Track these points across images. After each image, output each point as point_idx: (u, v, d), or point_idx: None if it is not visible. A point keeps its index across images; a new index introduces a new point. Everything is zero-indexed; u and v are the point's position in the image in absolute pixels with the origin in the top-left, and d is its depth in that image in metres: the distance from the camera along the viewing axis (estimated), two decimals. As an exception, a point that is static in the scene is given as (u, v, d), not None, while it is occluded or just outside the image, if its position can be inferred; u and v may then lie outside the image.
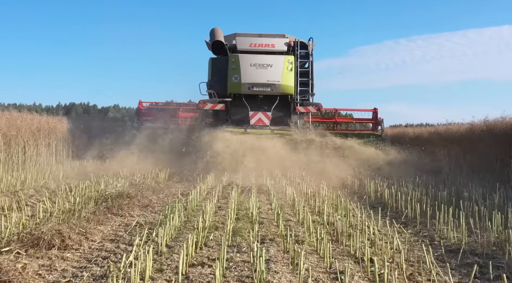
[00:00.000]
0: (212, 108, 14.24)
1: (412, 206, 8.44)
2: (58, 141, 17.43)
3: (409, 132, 23.23)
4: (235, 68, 13.87)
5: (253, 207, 8.27)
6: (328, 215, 7.91)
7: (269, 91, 13.79)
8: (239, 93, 14.14)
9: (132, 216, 8.18)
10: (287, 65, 13.76)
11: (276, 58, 14.03)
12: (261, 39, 14.35)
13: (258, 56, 14.03)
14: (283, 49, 14.28)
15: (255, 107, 14.28)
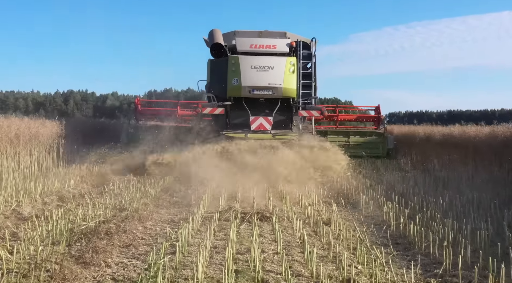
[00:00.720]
0: (211, 113, 13.62)
1: (448, 253, 6.90)
2: (43, 147, 15.91)
3: (419, 131, 21.35)
4: (235, 71, 13.16)
5: (255, 251, 6.81)
6: (348, 265, 6.53)
7: (271, 94, 13.15)
8: (239, 96, 13.49)
9: (108, 266, 6.65)
10: (289, 67, 13.12)
11: (278, 60, 13.37)
12: (261, 40, 13.64)
13: (258, 58, 13.35)
14: (285, 50, 13.55)
15: (256, 111, 13.63)
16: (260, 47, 13.44)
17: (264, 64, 13.09)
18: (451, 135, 18.76)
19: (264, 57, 13.32)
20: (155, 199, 11.87)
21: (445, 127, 21.18)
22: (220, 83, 13.55)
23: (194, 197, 11.40)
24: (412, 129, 23.44)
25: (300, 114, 13.48)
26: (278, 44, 13.47)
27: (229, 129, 13.61)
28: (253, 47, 13.46)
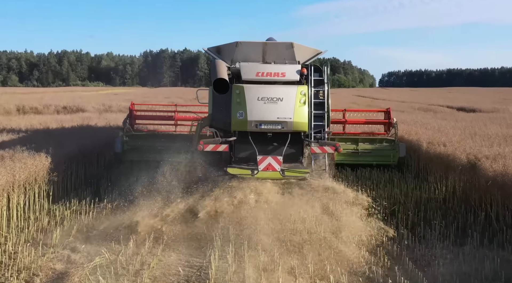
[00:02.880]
0: (214, 150, 11.18)
1: None
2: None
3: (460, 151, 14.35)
4: (240, 102, 10.92)
5: None
6: None
7: (280, 129, 10.95)
8: (245, 130, 11.20)
9: None
10: (299, 98, 10.91)
11: (287, 90, 11.08)
12: (269, 67, 11.39)
13: (266, 88, 11.04)
14: (295, 79, 11.29)
15: (263, 148, 11.34)
16: (267, 76, 11.25)
17: (272, 95, 10.94)
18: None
19: (272, 86, 11.16)
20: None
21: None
22: (224, 115, 11.41)
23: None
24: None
25: (313, 150, 11.38)
26: (288, 72, 11.33)
27: (233, 164, 11.52)
28: (260, 75, 11.26)
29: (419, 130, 17.09)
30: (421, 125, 19.96)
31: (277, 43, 13.49)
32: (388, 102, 51.99)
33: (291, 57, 12.83)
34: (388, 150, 15.15)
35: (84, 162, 13.90)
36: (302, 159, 11.65)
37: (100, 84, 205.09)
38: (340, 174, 13.91)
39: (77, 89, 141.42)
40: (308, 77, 11.78)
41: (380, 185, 12.83)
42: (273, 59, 12.92)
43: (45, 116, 23.99)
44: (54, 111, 38.83)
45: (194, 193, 10.77)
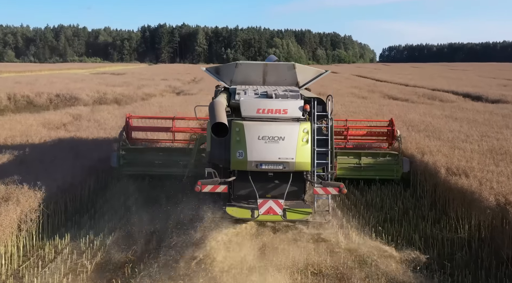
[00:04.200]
0: (212, 191, 10.53)
1: None
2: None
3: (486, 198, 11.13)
4: (240, 141, 10.22)
5: None
6: None
7: (281, 169, 10.31)
8: (245, 170, 10.46)
9: None
10: (302, 136, 10.24)
11: (290, 128, 10.34)
12: (270, 103, 10.49)
13: (267, 126, 10.29)
14: (297, 115, 10.52)
15: (263, 186, 10.67)
16: (268, 112, 10.46)
17: (273, 134, 10.23)
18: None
19: (273, 124, 10.39)
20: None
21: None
22: (223, 152, 10.61)
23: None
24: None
25: (315, 191, 10.66)
26: (290, 108, 10.51)
27: (233, 202, 10.74)
28: (261, 112, 10.46)
29: (432, 143, 15.78)
30: (432, 131, 18.70)
31: (278, 64, 13.01)
32: (391, 86, 51.27)
33: (293, 78, 12.31)
34: (392, 165, 14.48)
35: (66, 199, 11.84)
36: (304, 196, 10.90)
37: (97, 60, 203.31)
38: (346, 201, 12.80)
39: (74, 66, 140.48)
40: (311, 109, 10.89)
41: (393, 219, 11.61)
42: (274, 80, 12.40)
43: (30, 118, 22.14)
44: (46, 99, 37.98)
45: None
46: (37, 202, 9.98)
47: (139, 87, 47.98)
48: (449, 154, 14.02)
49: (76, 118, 23.92)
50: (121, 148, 14.30)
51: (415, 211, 11.99)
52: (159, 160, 14.36)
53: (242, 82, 12.41)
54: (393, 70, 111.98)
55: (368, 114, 24.32)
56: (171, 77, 69.47)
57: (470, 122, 21.90)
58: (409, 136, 17.02)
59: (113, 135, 17.78)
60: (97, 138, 17.38)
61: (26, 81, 55.51)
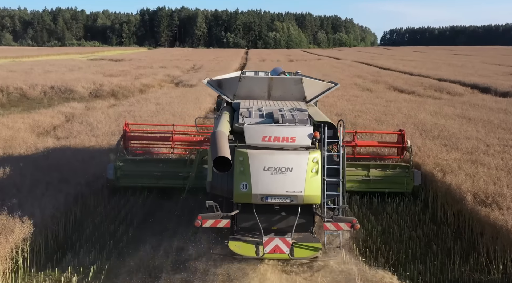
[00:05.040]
0: (214, 226, 9.55)
1: None
2: None
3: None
4: (244, 172, 9.21)
5: None
6: None
7: (288, 202, 9.34)
8: (249, 203, 9.45)
9: None
10: (311, 167, 9.22)
11: (298, 158, 9.31)
12: (277, 130, 9.43)
13: (273, 156, 9.25)
14: (306, 144, 9.49)
15: (269, 222, 9.69)
16: (275, 141, 9.39)
17: (280, 165, 9.20)
18: None
19: (280, 153, 9.33)
20: None
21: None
22: (225, 183, 9.60)
23: None
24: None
25: (326, 227, 9.64)
26: (298, 136, 9.47)
27: (235, 235, 9.72)
28: (267, 140, 9.40)
29: (450, 156, 14.52)
30: (447, 138, 17.45)
31: (285, 78, 12.12)
32: (395, 76, 49.96)
33: (300, 93, 11.53)
34: (402, 177, 13.58)
35: (47, 234, 10.29)
36: (313, 229, 9.91)
37: (96, 44, 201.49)
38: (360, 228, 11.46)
39: (72, 50, 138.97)
40: (321, 134, 9.83)
41: (415, 254, 10.31)
42: (279, 95, 11.55)
43: (19, 121, 20.63)
44: (41, 91, 36.63)
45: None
46: (8, 249, 8.64)
47: (137, 77, 46.62)
48: (472, 172, 12.75)
49: (68, 119, 22.65)
50: (118, 159, 13.40)
51: (439, 243, 10.72)
52: (158, 172, 13.46)
53: (245, 96, 11.53)
54: (396, 56, 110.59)
55: (376, 115, 22.99)
56: (170, 64, 68.10)
57: (485, 124, 20.63)
58: (424, 146, 15.80)
59: (105, 143, 16.64)
60: (88, 147, 16.11)
61: (21, 69, 54.39)
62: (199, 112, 24.80)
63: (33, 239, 9.31)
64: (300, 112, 10.18)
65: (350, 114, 23.08)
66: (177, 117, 21.57)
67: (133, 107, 25.35)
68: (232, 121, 10.28)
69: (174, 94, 31.58)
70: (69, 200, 11.38)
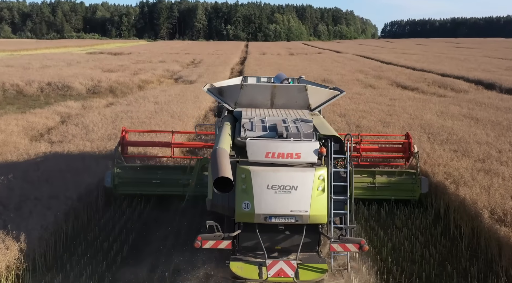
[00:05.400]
0: (214, 247, 8.97)
1: None
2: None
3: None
4: (246, 190, 8.64)
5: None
6: None
7: (293, 222, 8.78)
8: (252, 222, 8.90)
9: None
10: (318, 184, 8.67)
11: (303, 176, 8.75)
12: (281, 145, 8.78)
13: (277, 173, 8.67)
14: (312, 160, 8.85)
15: (272, 242, 9.14)
16: (279, 157, 8.75)
17: (285, 183, 8.64)
18: None
19: (284, 171, 8.75)
20: None
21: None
22: (226, 200, 9.02)
23: None
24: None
25: (332, 248, 9.13)
26: (304, 152, 8.83)
27: (237, 255, 9.17)
28: (270, 156, 8.76)
29: (462, 164, 13.87)
30: (456, 142, 16.79)
31: (288, 86, 11.60)
32: (398, 71, 49.17)
33: (304, 101, 11.03)
34: (409, 184, 13.09)
35: (34, 256, 9.54)
36: (318, 248, 9.32)
37: (95, 36, 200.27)
38: (368, 245, 10.80)
39: (71, 43, 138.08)
40: (328, 149, 9.26)
41: (429, 276, 9.58)
42: (283, 103, 11.07)
43: (12, 123, 19.87)
44: (37, 88, 35.94)
45: None
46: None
47: (136, 72, 46.01)
48: (487, 184, 12.09)
49: (63, 120, 21.93)
50: (116, 166, 12.89)
51: (453, 263, 10.05)
52: (157, 179, 12.95)
53: (247, 104, 10.99)
54: (397, 49, 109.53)
55: (380, 115, 22.32)
56: (169, 58, 67.34)
57: (494, 127, 19.97)
58: (433, 152, 15.15)
59: (101, 149, 15.98)
60: (82, 153, 15.42)
61: (18, 64, 53.71)
62: (199, 112, 24.15)
63: (18, 265, 8.66)
64: (305, 123, 9.61)
65: (354, 114, 22.42)
66: (176, 119, 20.92)
67: (130, 106, 24.63)
68: (234, 133, 9.70)
69: (173, 91, 30.77)
70: (60, 217, 10.65)
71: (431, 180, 13.02)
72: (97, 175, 13.02)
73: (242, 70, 50.80)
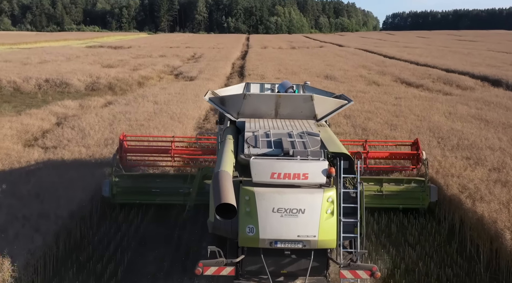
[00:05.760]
0: (216, 274, 8.43)
1: None
2: None
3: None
4: (251, 213, 8.04)
5: None
6: None
7: (300, 247, 8.22)
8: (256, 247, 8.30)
9: None
10: (326, 207, 8.07)
11: (311, 198, 8.13)
12: (287, 165, 8.08)
13: (283, 196, 8.05)
14: (320, 181, 8.18)
15: (277, 266, 8.53)
16: (285, 178, 8.08)
17: (291, 206, 8.01)
18: None
19: (291, 193, 8.12)
20: None
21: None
22: (229, 223, 8.30)
23: None
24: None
25: (342, 275, 8.52)
26: (311, 172, 8.15)
27: (241, 280, 8.61)
28: (276, 177, 8.09)
29: (476, 174, 13.17)
30: (468, 147, 16.10)
31: (294, 96, 11.09)
32: (401, 66, 48.40)
33: (310, 111, 10.52)
34: (417, 192, 12.60)
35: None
36: (327, 272, 8.68)
37: (96, 29, 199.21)
38: (381, 266, 10.10)
39: (71, 35, 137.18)
40: (337, 167, 8.57)
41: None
42: (288, 113, 10.59)
43: (6, 125, 18.93)
44: (35, 85, 35.32)
45: None
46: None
47: (135, 68, 45.33)
48: (506, 199, 11.37)
49: (59, 122, 21.19)
50: (114, 174, 12.31)
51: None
52: (156, 188, 12.48)
53: (251, 114, 10.49)
54: (399, 42, 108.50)
55: (386, 117, 21.61)
56: (169, 52, 66.51)
57: (506, 129, 19.27)
58: (444, 160, 14.47)
59: (97, 156, 15.30)
60: (77, 161, 14.75)
61: (17, 59, 53.02)
62: (199, 112, 23.45)
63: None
64: (311, 137, 9.02)
65: (359, 116, 21.70)
66: (176, 121, 20.22)
67: (129, 106, 23.88)
68: (237, 147, 9.10)
69: (173, 89, 29.99)
70: (49, 239, 9.93)
71: (444, 193, 12.38)
72: (92, 186, 12.38)
73: (244, 65, 49.87)
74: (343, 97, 11.51)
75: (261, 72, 41.11)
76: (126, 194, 12.39)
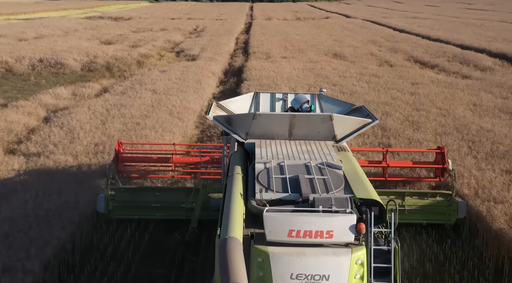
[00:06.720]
0: None
1: None
2: None
3: None
4: (264, 279, 6.52)
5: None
6: None
7: None
8: None
9: None
10: (355, 272, 6.57)
11: (337, 261, 6.60)
12: (309, 221, 6.52)
13: (303, 259, 6.49)
14: (348, 240, 6.63)
15: None
16: (305, 236, 6.54)
17: (313, 271, 6.48)
18: None
19: (312, 254, 6.54)
20: None
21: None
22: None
23: None
24: None
25: None
26: (337, 229, 6.62)
27: None
28: (295, 235, 6.53)
29: None
30: (505, 156, 14.36)
31: (310, 115, 9.78)
32: (413, 42, 46.45)
33: (329, 131, 9.32)
34: (443, 207, 11.46)
35: None
36: None
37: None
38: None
39: (71, 5, 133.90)
40: (367, 220, 6.94)
41: None
42: (303, 133, 9.37)
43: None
44: (28, 65, 33.63)
45: None
46: None
47: (135, 45, 43.52)
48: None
49: (48, 117, 19.41)
50: (110, 188, 11.17)
51: None
52: (156, 202, 11.44)
53: (261, 135, 9.28)
54: (408, 11, 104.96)
55: (406, 111, 19.83)
56: (171, 25, 64.25)
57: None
58: (481, 175, 12.81)
59: (85, 163, 13.95)
60: (62, 172, 13.14)
61: (12, 33, 51.26)
62: (201, 102, 21.72)
63: None
64: (333, 171, 7.73)
65: (376, 110, 19.77)
66: (175, 117, 18.52)
67: (125, 96, 22.07)
68: (246, 183, 7.72)
69: (173, 74, 28.04)
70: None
71: (488, 225, 10.62)
72: (81, 206, 11.23)
73: (248, 40, 47.75)
74: (363, 109, 10.47)
75: (266, 50, 39.20)
76: (123, 209, 11.29)
